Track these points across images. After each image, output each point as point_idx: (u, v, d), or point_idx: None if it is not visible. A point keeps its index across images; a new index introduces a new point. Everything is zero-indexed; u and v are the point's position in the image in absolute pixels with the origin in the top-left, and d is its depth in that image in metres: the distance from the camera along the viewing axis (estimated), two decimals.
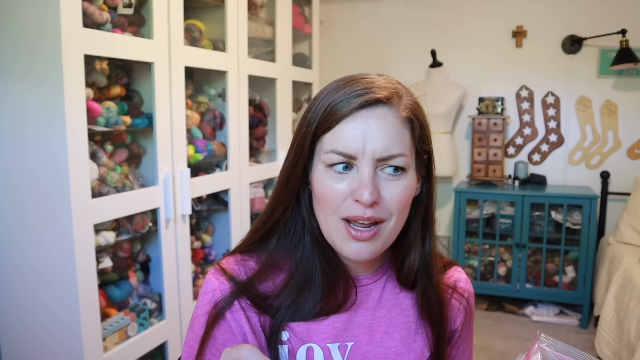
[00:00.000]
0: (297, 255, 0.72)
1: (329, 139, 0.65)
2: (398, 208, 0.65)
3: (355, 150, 0.63)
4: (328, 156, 0.65)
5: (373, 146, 0.63)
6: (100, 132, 1.63)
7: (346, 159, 0.64)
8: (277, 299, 0.69)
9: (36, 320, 1.53)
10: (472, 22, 3.39)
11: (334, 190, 0.65)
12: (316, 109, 0.66)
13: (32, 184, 1.45)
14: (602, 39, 3.13)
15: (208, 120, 2.09)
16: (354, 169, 0.65)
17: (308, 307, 0.69)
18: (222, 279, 0.71)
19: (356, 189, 0.63)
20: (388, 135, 0.64)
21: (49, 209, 1.43)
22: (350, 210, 0.64)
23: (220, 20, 2.06)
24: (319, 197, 0.67)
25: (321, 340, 0.70)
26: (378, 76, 0.68)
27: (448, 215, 3.58)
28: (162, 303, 1.81)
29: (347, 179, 0.64)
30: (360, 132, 0.63)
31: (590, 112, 3.25)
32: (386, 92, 0.65)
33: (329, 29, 3.65)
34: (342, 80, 0.68)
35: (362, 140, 0.63)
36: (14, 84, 1.43)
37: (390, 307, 0.74)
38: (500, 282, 3.22)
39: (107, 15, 1.55)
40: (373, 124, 0.63)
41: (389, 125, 0.64)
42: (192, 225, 2.08)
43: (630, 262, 2.54)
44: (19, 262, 1.52)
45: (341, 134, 0.64)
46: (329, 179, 0.65)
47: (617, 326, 2.36)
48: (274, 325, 0.69)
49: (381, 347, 0.71)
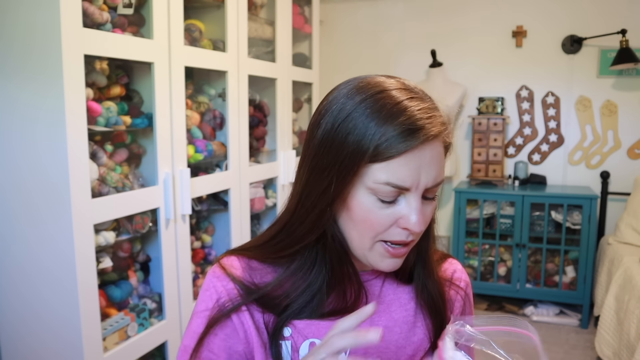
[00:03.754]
0: (308, 261, 0.71)
1: (380, 170, 0.62)
2: (427, 226, 0.68)
3: (411, 184, 0.63)
4: (380, 187, 0.63)
5: (427, 179, 0.63)
6: (100, 132, 1.63)
7: (399, 190, 0.63)
8: (285, 300, 0.69)
9: (37, 320, 1.53)
10: (472, 22, 3.39)
11: (380, 218, 0.64)
12: (361, 137, 0.61)
13: (32, 184, 1.45)
14: (602, 39, 3.13)
15: (208, 120, 2.09)
16: (401, 197, 0.64)
17: (316, 308, 0.69)
18: (226, 280, 0.71)
19: (405, 217, 0.64)
20: (437, 165, 0.64)
21: (49, 209, 1.43)
22: (395, 235, 0.65)
23: (220, 20, 2.06)
24: (360, 221, 0.65)
25: (324, 335, 0.69)
26: (421, 99, 0.64)
27: (448, 215, 3.58)
28: (162, 303, 1.81)
29: (392, 207, 0.64)
30: (416, 166, 0.62)
31: (590, 112, 3.25)
32: (438, 126, 0.64)
33: (329, 29, 3.65)
34: (384, 103, 0.62)
35: (418, 175, 0.63)
36: (13, 84, 1.43)
37: (390, 302, 0.75)
38: (500, 282, 3.22)
39: (107, 15, 1.55)
40: (427, 157, 0.63)
41: (438, 156, 0.64)
42: (192, 225, 2.08)
43: (630, 262, 2.54)
44: (19, 262, 1.52)
45: (397, 168, 0.62)
46: (375, 205, 0.64)
47: (617, 326, 2.36)
48: (278, 323, 0.69)
49: (382, 342, 0.72)
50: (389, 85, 0.64)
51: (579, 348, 2.76)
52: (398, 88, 0.64)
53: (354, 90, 0.64)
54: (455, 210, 3.21)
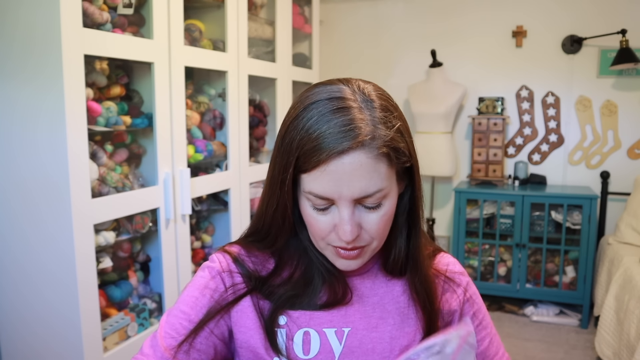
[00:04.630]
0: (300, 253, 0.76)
1: (305, 180, 0.65)
2: (379, 233, 0.68)
3: (332, 195, 0.64)
4: (309, 196, 0.66)
5: (350, 191, 0.63)
6: (100, 132, 1.63)
7: (328, 200, 0.65)
8: (280, 288, 0.73)
9: (37, 320, 1.53)
10: (472, 22, 3.39)
11: (319, 224, 0.67)
12: (290, 149, 0.64)
13: (33, 184, 1.45)
14: (602, 39, 3.13)
15: (208, 120, 2.09)
16: (334, 206, 0.66)
17: (308, 300, 0.73)
18: (236, 266, 0.75)
19: (337, 226, 0.66)
20: (362, 177, 0.63)
21: (50, 209, 1.44)
22: (336, 241, 0.68)
23: (220, 20, 2.06)
24: (308, 225, 0.70)
25: (318, 326, 0.73)
26: (348, 109, 0.63)
27: (448, 215, 3.58)
28: (162, 303, 1.81)
29: (329, 214, 0.67)
30: (334, 178, 0.63)
31: (590, 112, 3.25)
32: (360, 137, 0.62)
33: (329, 29, 3.65)
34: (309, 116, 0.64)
35: (337, 186, 0.63)
36: (13, 84, 1.43)
37: (382, 295, 0.77)
38: (500, 282, 3.22)
39: (107, 15, 1.55)
40: (347, 169, 0.62)
41: (363, 167, 0.63)
42: (192, 225, 2.08)
43: (630, 262, 2.54)
44: (19, 262, 1.52)
45: (316, 179, 0.64)
46: (313, 211, 0.67)
47: (617, 326, 2.36)
48: (273, 311, 0.72)
49: (377, 332, 0.75)
50: (321, 96, 0.65)
51: (579, 348, 2.76)
52: (330, 98, 0.64)
53: (298, 101, 0.68)
54: (455, 210, 3.21)
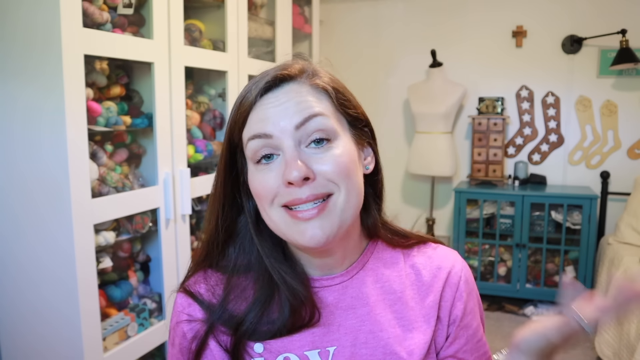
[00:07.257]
0: (258, 270, 0.69)
1: (246, 131, 0.64)
2: (340, 177, 0.61)
3: (271, 128, 0.61)
4: (249, 147, 0.63)
5: (288, 118, 0.61)
6: (100, 132, 1.63)
7: (265, 140, 0.62)
8: (238, 317, 0.66)
9: (37, 320, 1.53)
10: (472, 22, 3.39)
11: (265, 182, 0.62)
12: (231, 111, 0.67)
13: (33, 184, 1.45)
14: (602, 39, 3.13)
15: (208, 120, 2.09)
16: (280, 154, 0.62)
17: (278, 325, 0.65)
18: (195, 307, 0.69)
19: (284, 171, 0.61)
20: (300, 102, 0.62)
21: (50, 209, 1.43)
22: (287, 196, 0.61)
23: (220, 20, 2.06)
24: (256, 195, 0.65)
25: (298, 349, 0.66)
26: (292, 59, 0.67)
27: (448, 215, 3.58)
28: (162, 303, 1.81)
29: (275, 168, 0.62)
30: (271, 110, 0.62)
31: (590, 112, 3.25)
32: (292, 69, 0.64)
33: (329, 29, 3.65)
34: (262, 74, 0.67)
35: (275, 116, 0.61)
36: (14, 84, 1.43)
37: (374, 304, 0.69)
38: (500, 282, 3.22)
39: (107, 15, 1.55)
40: (283, 98, 0.62)
41: (300, 95, 0.63)
42: (192, 225, 2.08)
43: (630, 262, 2.54)
44: (19, 262, 1.52)
45: (254, 119, 0.63)
46: (259, 173, 0.63)
47: (617, 326, 2.36)
48: (234, 344, 0.66)
49: (366, 349, 0.66)
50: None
51: (579, 348, 2.76)
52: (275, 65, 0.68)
53: None
54: (455, 210, 3.21)
